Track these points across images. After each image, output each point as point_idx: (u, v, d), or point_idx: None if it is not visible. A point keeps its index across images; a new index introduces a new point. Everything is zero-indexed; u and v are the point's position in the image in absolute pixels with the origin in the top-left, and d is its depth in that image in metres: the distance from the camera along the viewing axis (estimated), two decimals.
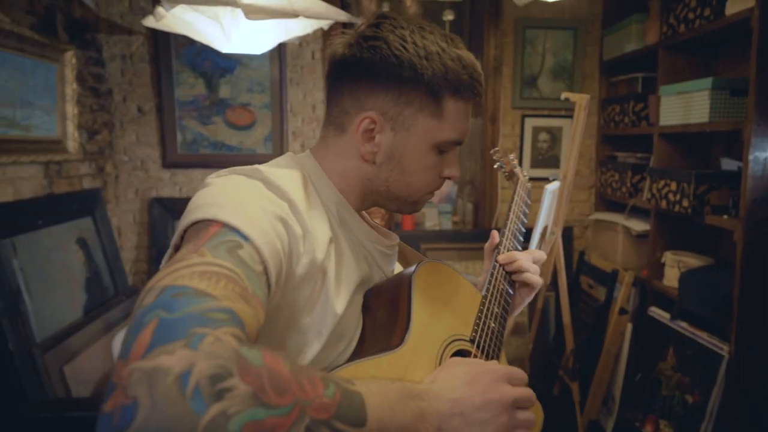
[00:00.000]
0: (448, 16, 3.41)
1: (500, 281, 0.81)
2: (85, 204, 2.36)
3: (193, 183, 2.70)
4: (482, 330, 0.73)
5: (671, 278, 2.08)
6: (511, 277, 0.84)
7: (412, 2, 3.36)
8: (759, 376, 1.67)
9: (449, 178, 0.74)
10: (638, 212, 2.40)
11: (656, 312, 2.11)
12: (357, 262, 0.70)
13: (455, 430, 0.53)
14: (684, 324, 1.95)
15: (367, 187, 0.72)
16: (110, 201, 2.62)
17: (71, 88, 2.26)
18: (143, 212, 2.70)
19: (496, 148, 1.18)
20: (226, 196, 0.57)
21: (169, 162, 2.66)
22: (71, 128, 2.27)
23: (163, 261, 0.59)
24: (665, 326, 2.03)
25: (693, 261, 2.02)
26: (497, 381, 0.57)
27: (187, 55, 2.59)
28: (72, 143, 2.28)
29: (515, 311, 0.88)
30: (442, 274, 0.75)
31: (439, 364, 0.65)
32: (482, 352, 0.71)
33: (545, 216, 1.89)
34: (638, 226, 2.31)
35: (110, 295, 2.41)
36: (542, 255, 0.87)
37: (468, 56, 0.69)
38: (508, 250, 0.87)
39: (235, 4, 1.46)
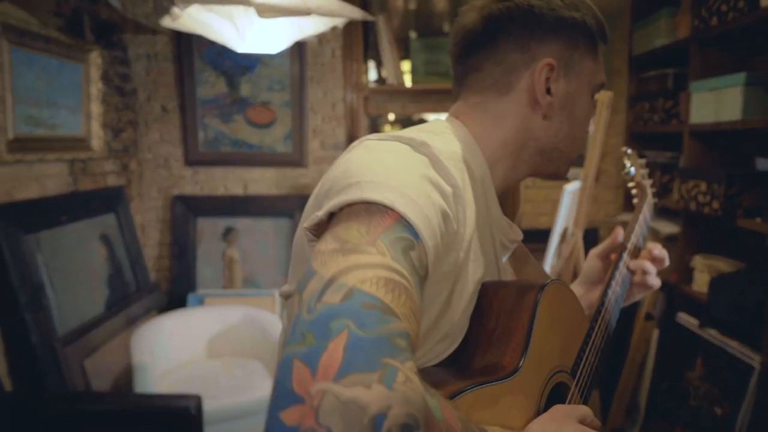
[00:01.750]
0: None
1: (608, 311, 0.78)
2: (109, 201, 2.42)
3: (214, 181, 2.74)
4: (584, 363, 0.70)
5: (701, 283, 1.98)
6: (633, 277, 0.84)
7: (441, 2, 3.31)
8: None
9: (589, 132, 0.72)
10: (667, 214, 2.30)
11: (685, 318, 2.02)
12: (484, 254, 0.62)
13: None
14: (713, 332, 1.86)
15: (530, 150, 0.66)
16: (134, 198, 2.67)
17: (96, 87, 2.31)
18: (166, 209, 2.75)
19: (628, 149, 1.06)
20: (396, 174, 0.50)
21: (191, 160, 2.69)
22: (96, 127, 2.33)
23: (298, 234, 0.56)
24: (694, 334, 1.94)
25: (724, 266, 1.92)
26: None
27: (209, 54, 2.62)
28: (96, 141, 2.34)
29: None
30: (564, 298, 0.69)
31: (542, 396, 0.62)
32: (577, 386, 0.68)
33: (565, 217, 1.82)
34: (667, 228, 2.22)
35: (132, 291, 2.46)
36: (664, 254, 0.86)
37: (597, 10, 0.71)
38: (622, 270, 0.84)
39: (248, 3, 1.46)
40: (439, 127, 0.64)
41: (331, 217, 0.50)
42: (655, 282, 0.84)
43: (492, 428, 0.53)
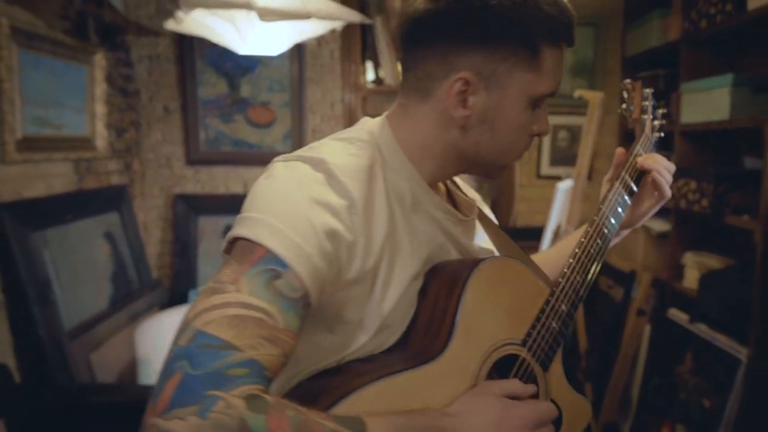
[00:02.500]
0: None
1: (577, 273, 0.73)
2: (112, 200, 2.47)
3: (215, 180, 2.78)
4: (539, 332, 0.69)
5: (691, 280, 2.03)
6: (644, 176, 0.82)
7: None
8: None
9: (539, 135, 0.70)
10: (659, 212, 2.35)
11: (675, 314, 2.07)
12: (420, 247, 0.67)
13: None
14: (703, 327, 1.91)
15: (451, 155, 0.68)
16: (136, 197, 2.72)
17: (100, 88, 2.36)
18: (167, 208, 2.80)
19: (629, 81, 0.98)
20: (279, 204, 0.57)
21: (193, 159, 2.74)
22: (100, 127, 2.38)
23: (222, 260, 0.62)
24: (684, 329, 1.99)
25: (714, 262, 1.97)
26: (522, 428, 0.59)
27: (210, 56, 2.67)
28: (101, 141, 2.39)
29: (640, 224, 0.88)
30: (506, 272, 0.69)
31: (481, 372, 0.64)
32: (533, 356, 0.69)
33: (558, 214, 1.87)
34: (659, 226, 2.27)
35: (135, 287, 2.51)
36: (673, 166, 0.84)
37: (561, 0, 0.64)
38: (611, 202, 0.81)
39: (250, 7, 1.51)
40: (359, 134, 0.67)
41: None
42: (666, 188, 0.82)
43: (395, 418, 0.55)
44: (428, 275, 0.68)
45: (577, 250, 0.75)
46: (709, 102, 1.88)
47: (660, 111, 0.94)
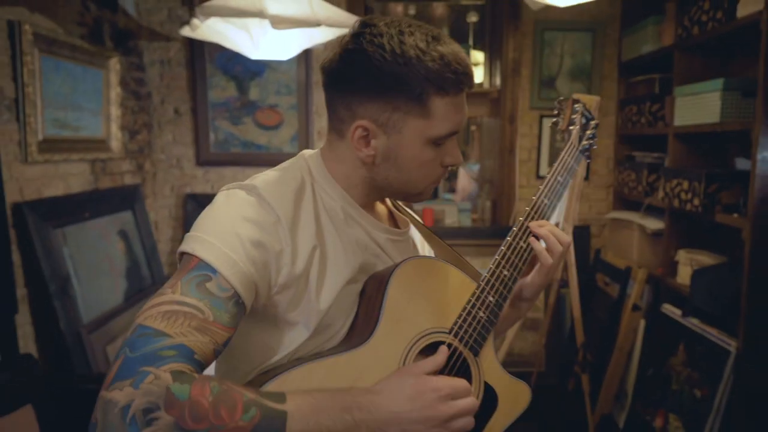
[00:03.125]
0: (472, 18, 3.49)
1: (503, 267, 0.79)
2: (126, 199, 2.55)
3: (224, 180, 2.87)
4: (465, 320, 0.75)
5: (684, 276, 2.11)
6: (529, 242, 0.81)
7: (438, 5, 3.45)
8: (765, 371, 1.70)
9: (450, 166, 0.77)
10: (654, 211, 2.44)
11: (669, 309, 2.15)
12: (353, 256, 0.75)
13: None
14: (695, 321, 1.99)
15: (371, 185, 0.78)
16: (148, 196, 2.81)
17: (115, 91, 2.45)
18: (178, 207, 2.89)
19: (562, 98, 1.01)
20: (212, 222, 0.69)
21: (203, 160, 2.83)
22: (114, 129, 2.47)
23: None
24: (677, 323, 2.07)
25: (706, 259, 2.05)
26: (438, 400, 0.65)
27: (220, 60, 2.75)
28: (115, 143, 2.47)
29: (533, 295, 0.86)
30: (429, 268, 0.77)
31: (404, 362, 0.71)
32: (462, 342, 0.75)
33: (556, 213, 1.95)
34: (653, 224, 2.35)
35: (148, 283, 2.60)
36: (567, 239, 0.82)
37: (450, 51, 0.70)
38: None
39: (263, 15, 1.59)
40: (293, 164, 0.78)
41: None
42: (545, 259, 0.80)
43: (312, 395, 0.62)
44: (367, 280, 0.77)
45: (503, 248, 0.81)
46: (700, 105, 1.97)
47: (592, 123, 0.98)
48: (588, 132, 0.97)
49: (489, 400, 0.77)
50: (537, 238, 0.81)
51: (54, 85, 2.06)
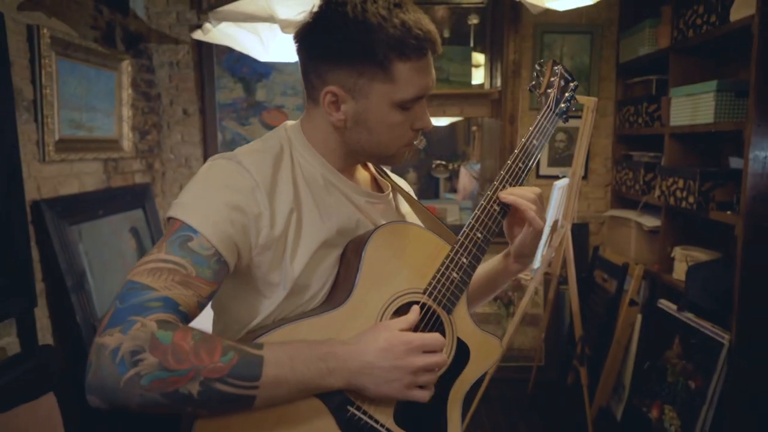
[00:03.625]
0: (473, 20, 3.55)
1: (477, 230, 0.82)
2: (137, 197, 2.62)
3: None
4: (439, 281, 0.79)
5: (680, 272, 2.17)
6: (509, 210, 0.84)
7: (439, 6, 3.51)
8: (756, 363, 1.76)
9: (420, 129, 0.80)
10: (651, 209, 2.50)
11: (665, 304, 2.21)
12: (330, 219, 0.79)
13: (363, 384, 0.70)
14: (690, 315, 2.05)
15: (345, 149, 0.81)
16: (158, 195, 2.88)
17: (127, 93, 2.52)
18: None
19: (542, 60, 1.02)
20: (194, 190, 0.73)
21: None
22: (126, 129, 2.54)
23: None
24: (672, 317, 2.13)
25: (701, 255, 2.11)
26: (408, 352, 0.70)
27: (228, 62, 2.82)
28: (127, 142, 2.54)
29: (526, 258, 0.88)
30: (404, 233, 0.80)
31: (383, 315, 0.76)
32: (435, 301, 0.79)
33: (555, 210, 2.02)
34: (650, 222, 2.41)
35: None
36: (537, 190, 0.85)
37: (413, 18, 0.73)
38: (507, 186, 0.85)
39: (273, 20, 1.66)
40: (272, 134, 0.83)
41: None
42: (533, 218, 0.82)
43: (291, 344, 0.67)
44: (347, 244, 0.81)
45: (477, 212, 0.84)
46: (695, 106, 2.03)
47: (571, 84, 0.98)
48: (567, 94, 0.97)
49: (462, 353, 0.82)
50: (506, 206, 0.84)
51: (69, 87, 2.13)
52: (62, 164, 2.11)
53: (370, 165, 0.93)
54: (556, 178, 2.34)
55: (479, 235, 0.83)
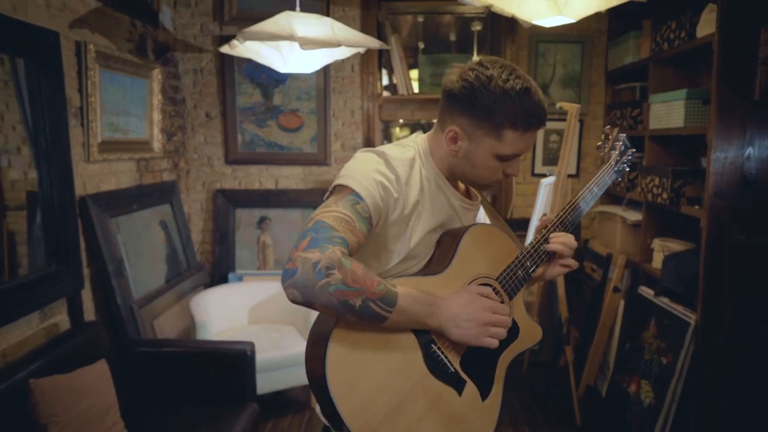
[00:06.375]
0: (477, 27, 3.78)
1: (541, 244, 1.09)
2: (165, 193, 2.88)
3: (250, 177, 3.19)
4: (508, 274, 1.06)
5: (658, 261, 2.40)
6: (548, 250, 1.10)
7: (446, 14, 3.74)
8: (718, 339, 1.99)
9: (509, 175, 1.06)
10: (634, 204, 2.72)
11: (645, 290, 2.44)
12: (437, 213, 1.04)
13: (448, 329, 0.95)
14: (665, 299, 2.28)
15: (452, 170, 1.06)
16: (183, 191, 3.14)
17: (157, 98, 2.78)
18: (209, 201, 3.21)
19: (609, 127, 1.27)
20: (358, 169, 0.97)
21: (231, 159, 3.16)
22: (156, 131, 2.80)
23: (324, 199, 1.01)
24: (650, 301, 2.36)
25: (676, 246, 2.34)
26: (483, 309, 0.96)
27: (247, 69, 3.08)
28: (156, 144, 2.80)
29: (551, 277, 1.14)
30: (490, 234, 1.09)
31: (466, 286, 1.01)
32: (503, 287, 1.06)
33: (542, 205, 2.25)
34: (633, 216, 2.64)
35: (184, 268, 2.93)
36: (573, 241, 1.12)
37: (539, 103, 0.97)
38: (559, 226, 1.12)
39: (293, 39, 1.91)
40: (408, 142, 1.08)
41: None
42: (570, 263, 1.10)
43: (412, 289, 0.91)
44: (443, 234, 1.07)
45: (538, 236, 1.12)
46: (669, 112, 2.26)
47: (630, 150, 1.26)
48: (624, 158, 1.26)
49: (514, 330, 1.08)
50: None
51: (109, 94, 2.39)
52: (103, 164, 2.37)
53: None
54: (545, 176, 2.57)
55: (541, 249, 1.11)
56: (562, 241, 1.10)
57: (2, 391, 1.45)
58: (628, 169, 1.27)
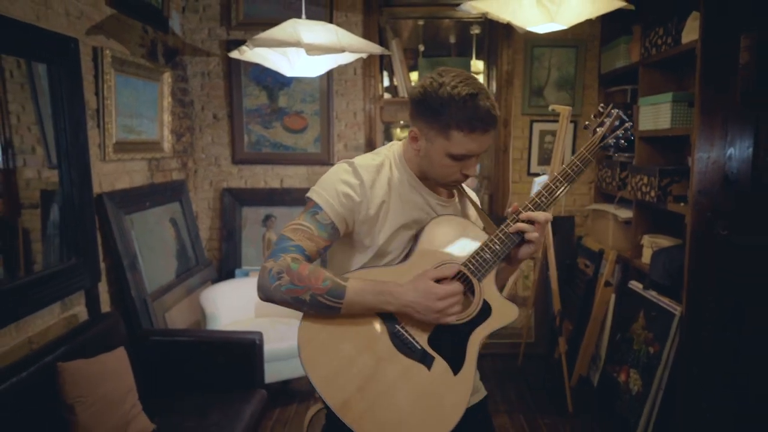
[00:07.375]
0: (475, 30, 3.89)
1: (509, 226, 1.11)
2: (175, 192, 3.00)
3: (256, 176, 3.31)
4: (474, 258, 1.11)
5: (647, 257, 2.51)
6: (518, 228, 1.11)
7: (447, 19, 3.85)
8: (701, 333, 2.10)
9: (467, 175, 1.13)
10: (626, 202, 2.84)
11: (634, 284, 2.55)
12: (409, 211, 1.14)
13: (407, 313, 1.05)
14: (653, 293, 2.39)
15: (420, 168, 1.15)
16: (191, 190, 3.25)
17: (167, 101, 2.90)
18: (216, 200, 3.33)
19: (603, 105, 1.23)
20: (324, 181, 1.12)
21: (238, 159, 3.27)
22: (166, 132, 2.91)
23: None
24: (639, 295, 2.47)
25: (664, 242, 2.45)
26: (436, 297, 1.03)
27: (254, 72, 3.19)
28: (166, 144, 2.92)
29: (516, 263, 1.18)
30: (455, 224, 1.16)
31: None
32: (469, 270, 1.10)
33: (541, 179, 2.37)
34: (624, 214, 2.75)
35: (192, 264, 3.04)
36: (548, 216, 1.12)
37: (484, 108, 1.03)
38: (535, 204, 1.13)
39: (299, 45, 2.02)
40: (381, 150, 1.20)
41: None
42: (531, 236, 1.11)
43: (363, 280, 1.04)
44: (419, 230, 1.15)
45: (508, 220, 1.15)
46: (656, 114, 2.37)
47: (627, 124, 1.18)
48: (618, 132, 1.18)
49: (486, 310, 1.16)
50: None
51: (123, 97, 2.51)
52: (118, 163, 2.49)
53: None
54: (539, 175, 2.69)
55: (510, 231, 1.13)
56: (525, 217, 1.12)
57: (33, 372, 1.56)
58: (624, 143, 1.20)
